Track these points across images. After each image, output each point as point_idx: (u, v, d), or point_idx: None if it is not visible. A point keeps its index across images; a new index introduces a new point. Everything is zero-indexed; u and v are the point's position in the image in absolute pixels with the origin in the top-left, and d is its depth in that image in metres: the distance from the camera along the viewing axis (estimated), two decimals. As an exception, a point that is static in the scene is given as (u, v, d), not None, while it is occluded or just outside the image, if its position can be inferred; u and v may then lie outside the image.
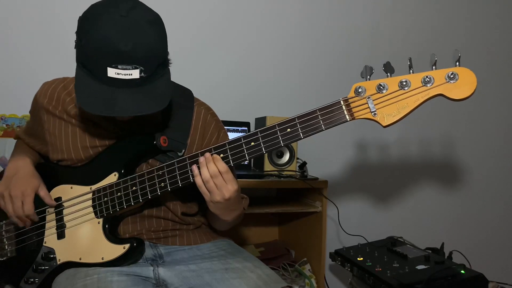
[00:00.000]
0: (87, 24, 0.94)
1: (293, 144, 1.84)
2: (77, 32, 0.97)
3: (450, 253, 1.71)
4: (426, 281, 1.36)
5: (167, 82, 0.99)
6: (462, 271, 1.44)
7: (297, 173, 1.86)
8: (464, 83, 0.89)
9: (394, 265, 1.54)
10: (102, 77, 0.93)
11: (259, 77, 2.11)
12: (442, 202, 2.43)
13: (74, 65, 0.98)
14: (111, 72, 0.92)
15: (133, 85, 0.94)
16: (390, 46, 2.29)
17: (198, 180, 1.01)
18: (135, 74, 0.93)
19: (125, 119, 1.08)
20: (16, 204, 1.11)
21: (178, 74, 1.92)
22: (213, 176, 0.99)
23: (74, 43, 0.99)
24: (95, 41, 0.92)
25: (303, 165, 1.88)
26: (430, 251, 1.69)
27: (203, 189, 1.02)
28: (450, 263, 1.53)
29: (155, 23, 0.96)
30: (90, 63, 0.94)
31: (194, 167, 1.02)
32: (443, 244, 1.75)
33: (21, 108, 1.71)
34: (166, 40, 1.00)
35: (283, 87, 2.14)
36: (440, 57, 0.93)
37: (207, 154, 1.01)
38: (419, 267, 1.50)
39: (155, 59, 0.96)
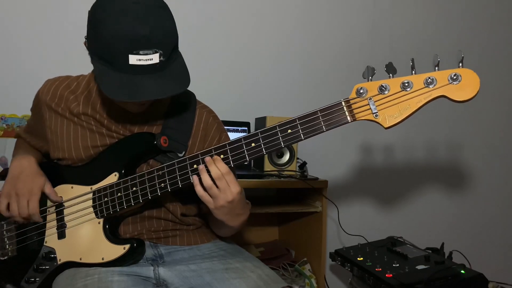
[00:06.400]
0: (100, 15, 0.94)
1: (293, 144, 1.84)
2: (89, 25, 0.98)
3: (450, 253, 1.71)
4: (426, 281, 1.36)
5: (182, 63, 1.01)
6: (462, 271, 1.44)
7: (297, 173, 1.86)
8: (467, 85, 0.87)
9: (394, 265, 1.54)
10: (123, 66, 0.93)
11: (259, 77, 2.11)
12: (442, 202, 2.43)
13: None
14: (133, 59, 0.92)
15: (153, 70, 0.95)
16: (390, 45, 2.29)
17: (199, 189, 0.99)
18: (155, 58, 0.93)
19: (142, 106, 1.07)
20: (22, 203, 1.11)
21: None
22: (216, 179, 0.98)
23: (85, 39, 1.00)
24: (112, 29, 0.92)
25: (303, 165, 1.89)
26: (430, 251, 1.69)
27: (206, 198, 1.00)
28: (450, 263, 1.53)
29: (165, 7, 0.98)
30: (108, 53, 0.94)
31: (195, 177, 1.00)
32: (443, 244, 1.75)
33: (21, 108, 1.71)
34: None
35: (283, 87, 2.14)
36: (440, 57, 0.93)
37: (207, 158, 0.99)
38: (419, 267, 1.50)
39: (171, 41, 0.98)
